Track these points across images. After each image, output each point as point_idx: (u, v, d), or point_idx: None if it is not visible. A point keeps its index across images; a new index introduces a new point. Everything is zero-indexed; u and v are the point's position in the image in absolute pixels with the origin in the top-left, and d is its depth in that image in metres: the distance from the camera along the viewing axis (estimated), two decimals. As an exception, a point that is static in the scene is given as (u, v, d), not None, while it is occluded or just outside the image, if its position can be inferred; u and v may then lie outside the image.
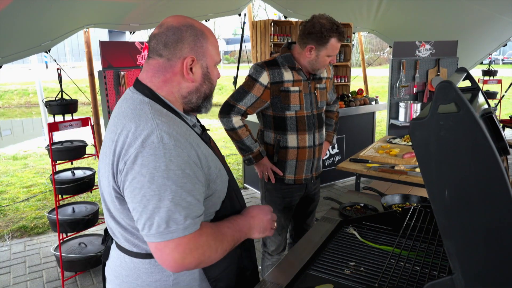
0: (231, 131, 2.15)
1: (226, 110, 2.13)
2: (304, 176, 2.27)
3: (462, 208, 0.85)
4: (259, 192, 2.52)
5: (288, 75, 2.11)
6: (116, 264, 1.18)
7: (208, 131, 1.29)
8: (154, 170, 0.96)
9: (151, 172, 0.96)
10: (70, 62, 23.60)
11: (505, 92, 6.97)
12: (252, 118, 4.15)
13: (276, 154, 2.21)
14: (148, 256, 1.11)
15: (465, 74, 1.29)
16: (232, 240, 1.11)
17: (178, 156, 0.99)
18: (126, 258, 1.15)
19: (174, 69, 1.10)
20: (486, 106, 1.18)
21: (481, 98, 1.18)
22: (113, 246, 1.21)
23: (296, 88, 2.12)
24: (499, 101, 7.01)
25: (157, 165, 0.96)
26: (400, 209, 1.66)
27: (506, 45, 6.53)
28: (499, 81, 6.63)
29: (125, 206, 1.06)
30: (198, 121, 1.27)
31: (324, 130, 2.34)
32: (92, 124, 3.12)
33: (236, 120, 2.14)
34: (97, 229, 3.60)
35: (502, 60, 27.42)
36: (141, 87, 1.11)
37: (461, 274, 0.88)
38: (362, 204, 1.88)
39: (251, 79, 2.10)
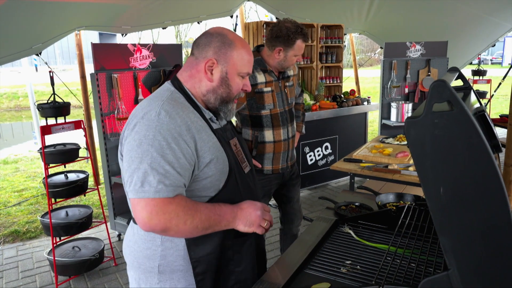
0: None
1: None
2: (281, 166, 2.47)
3: (458, 205, 0.86)
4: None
5: (261, 78, 2.30)
6: (127, 230, 1.37)
7: (239, 134, 1.46)
8: (143, 137, 1.13)
9: (140, 139, 1.13)
10: (60, 65, 23.39)
11: (494, 91, 7.07)
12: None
13: (254, 149, 2.40)
14: None
15: (457, 74, 1.31)
16: (206, 220, 1.17)
17: (168, 130, 1.13)
18: (132, 224, 1.32)
19: (198, 67, 1.27)
20: (478, 105, 1.20)
21: (473, 97, 1.20)
22: None
23: (269, 89, 2.32)
24: (489, 101, 7.10)
25: (147, 134, 1.13)
26: (394, 208, 1.68)
27: (494, 45, 6.63)
28: (489, 81, 6.72)
29: None
30: (230, 123, 1.43)
31: (294, 124, 2.53)
32: (85, 127, 3.10)
33: None
34: (91, 233, 3.57)
35: (491, 60, 27.78)
36: (174, 80, 1.31)
37: (457, 269, 0.89)
38: (357, 203, 1.89)
39: None
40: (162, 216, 1.09)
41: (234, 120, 2.66)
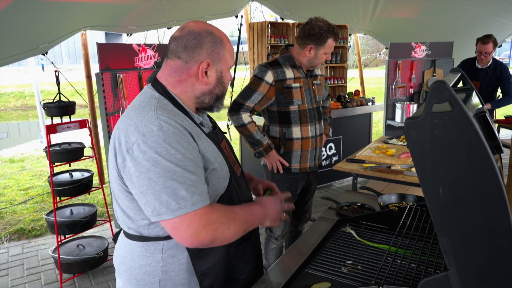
0: (242, 127, 2.34)
1: (236, 108, 2.32)
2: (309, 164, 2.47)
3: (457, 205, 0.86)
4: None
5: (289, 73, 2.33)
6: (118, 245, 1.29)
7: (225, 134, 1.39)
8: (156, 155, 1.04)
9: (153, 157, 1.04)
10: (66, 65, 23.54)
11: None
12: (256, 119, 4.15)
13: (282, 146, 2.40)
14: (141, 239, 1.18)
15: (459, 75, 1.31)
16: (244, 221, 1.16)
17: (177, 142, 1.06)
18: (125, 240, 1.24)
19: (190, 72, 1.18)
20: (480, 106, 1.20)
21: (475, 98, 1.20)
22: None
23: (297, 85, 2.34)
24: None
25: (159, 150, 1.04)
26: (396, 208, 1.68)
27: (501, 46, 6.58)
28: (495, 82, 6.66)
29: (123, 186, 1.13)
30: (214, 122, 1.36)
31: (322, 122, 2.54)
32: (90, 126, 3.13)
33: (246, 117, 2.33)
34: (95, 231, 3.60)
35: (498, 60, 27.55)
36: (156, 84, 1.21)
37: (456, 270, 0.90)
38: (359, 204, 1.89)
39: (257, 79, 2.30)
40: (208, 227, 1.06)
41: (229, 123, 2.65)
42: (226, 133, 1.43)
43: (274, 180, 2.50)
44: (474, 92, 1.25)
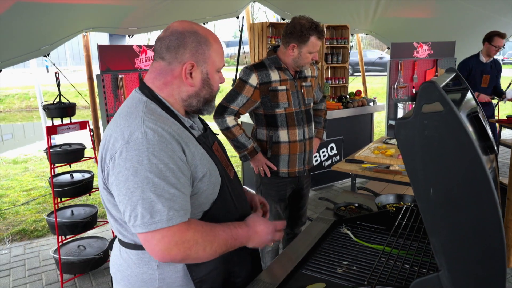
0: (226, 131, 2.30)
1: (220, 111, 2.28)
2: (297, 169, 2.41)
3: (447, 206, 0.86)
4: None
5: (275, 76, 2.27)
6: (114, 253, 1.27)
7: (217, 135, 1.36)
8: (137, 164, 1.01)
9: (134, 166, 1.01)
10: (70, 66, 23.64)
11: (504, 92, 6.96)
12: (246, 119, 4.16)
13: (269, 149, 2.35)
14: (136, 247, 1.16)
15: (454, 74, 1.31)
16: (224, 245, 1.12)
17: (162, 150, 1.03)
18: (121, 248, 1.22)
19: (174, 73, 1.15)
20: (475, 105, 1.19)
21: (470, 98, 1.20)
22: None
23: (284, 87, 2.28)
24: (498, 102, 7.00)
25: (140, 159, 1.01)
26: (394, 209, 1.68)
27: (504, 45, 6.53)
28: (498, 81, 6.62)
29: (111, 197, 1.12)
30: (205, 124, 1.33)
31: (313, 125, 2.47)
32: (91, 127, 3.14)
33: (230, 120, 2.28)
34: (96, 232, 3.61)
35: (502, 60, 27.39)
36: (143, 88, 1.18)
37: (447, 270, 0.89)
38: (356, 204, 1.89)
39: (242, 81, 2.27)
40: (181, 246, 1.02)
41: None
42: (218, 134, 1.41)
43: (262, 183, 2.45)
44: (469, 91, 1.24)
